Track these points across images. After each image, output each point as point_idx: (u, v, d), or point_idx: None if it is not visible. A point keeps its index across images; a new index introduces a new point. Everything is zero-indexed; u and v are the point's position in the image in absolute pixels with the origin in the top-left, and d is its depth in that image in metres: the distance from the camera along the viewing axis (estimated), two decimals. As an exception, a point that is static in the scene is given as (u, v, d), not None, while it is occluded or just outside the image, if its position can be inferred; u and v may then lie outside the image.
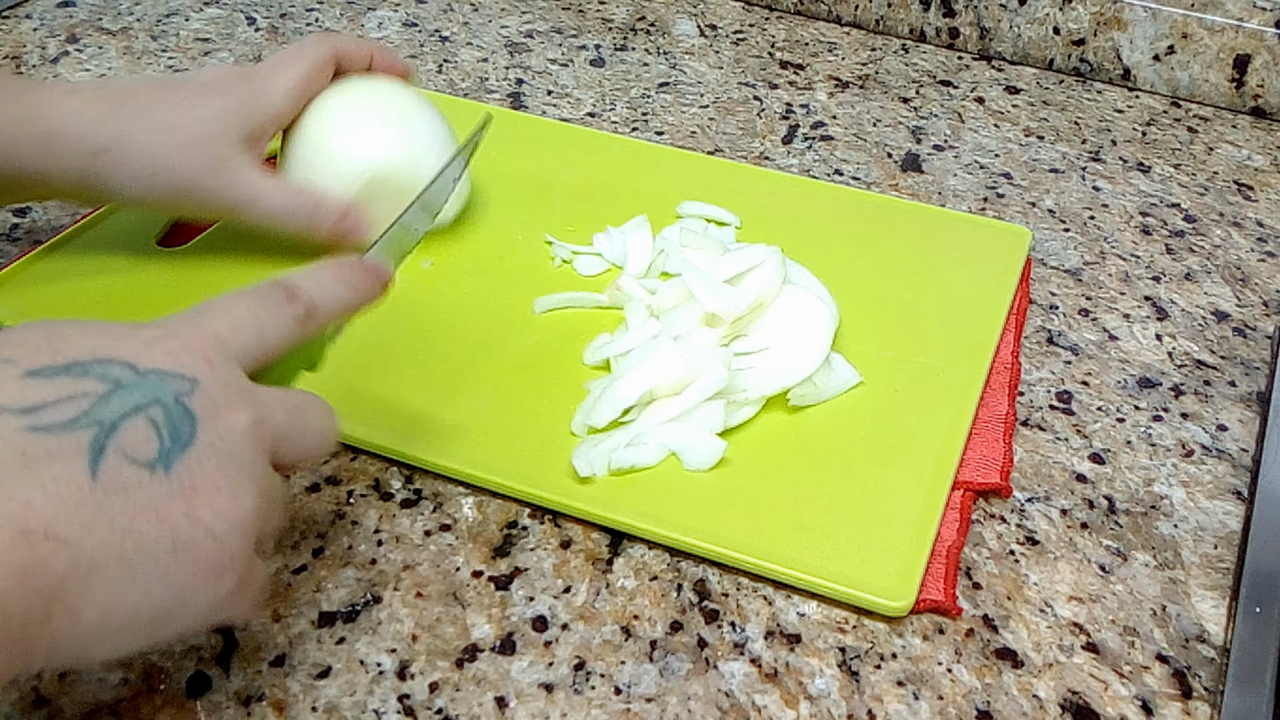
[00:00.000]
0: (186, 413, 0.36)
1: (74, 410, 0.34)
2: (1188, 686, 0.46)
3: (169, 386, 0.36)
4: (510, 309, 0.62)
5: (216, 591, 0.36)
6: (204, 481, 0.35)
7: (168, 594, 0.35)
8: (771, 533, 0.50)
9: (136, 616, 0.34)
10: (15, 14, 0.89)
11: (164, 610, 0.35)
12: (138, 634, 0.35)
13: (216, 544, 0.35)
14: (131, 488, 0.34)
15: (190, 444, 0.35)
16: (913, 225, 0.69)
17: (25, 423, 0.33)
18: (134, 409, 0.35)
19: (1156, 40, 0.82)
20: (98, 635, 0.34)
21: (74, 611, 0.33)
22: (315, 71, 0.60)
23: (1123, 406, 0.59)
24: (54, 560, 0.32)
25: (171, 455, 0.35)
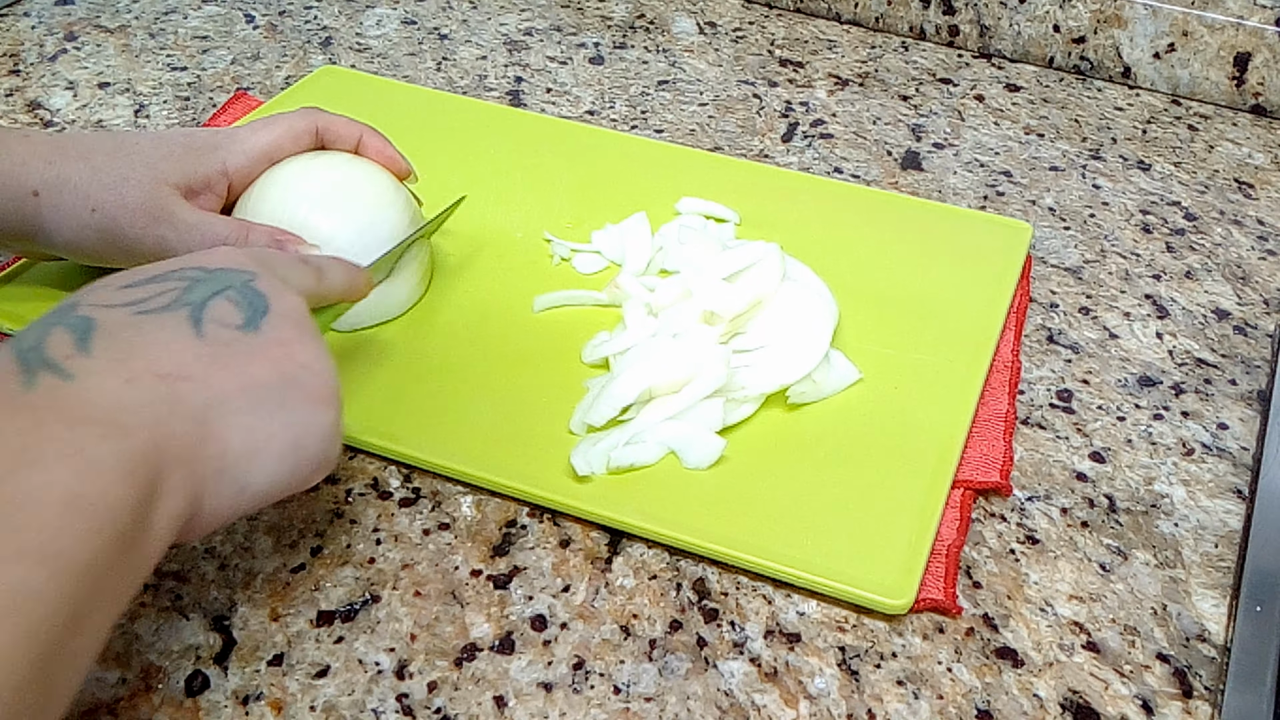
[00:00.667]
0: (257, 292, 0.43)
1: (167, 299, 0.41)
2: (1188, 686, 0.46)
3: (237, 276, 0.43)
4: (509, 307, 0.61)
5: (330, 416, 0.43)
6: (289, 336, 0.42)
7: (292, 419, 0.41)
8: (771, 531, 0.50)
9: (273, 440, 0.40)
10: (13, 12, 0.89)
11: (294, 436, 0.41)
12: (283, 458, 0.41)
13: (317, 377, 0.42)
14: (233, 342, 0.41)
15: (267, 312, 0.43)
16: (912, 221, 0.68)
17: (132, 310, 0.40)
18: (213, 293, 0.42)
19: (1157, 38, 0.82)
20: (247, 459, 0.40)
21: (221, 437, 0.39)
22: (286, 138, 0.59)
23: (1123, 405, 0.59)
24: (192, 394, 0.39)
25: (256, 319, 0.42)
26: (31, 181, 0.54)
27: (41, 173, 0.54)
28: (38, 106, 0.78)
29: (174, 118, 0.77)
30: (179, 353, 0.39)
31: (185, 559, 0.50)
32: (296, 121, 0.60)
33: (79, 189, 0.54)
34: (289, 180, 0.58)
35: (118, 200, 0.54)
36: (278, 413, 0.41)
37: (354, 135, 0.61)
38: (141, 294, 0.41)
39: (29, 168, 0.54)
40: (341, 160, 0.60)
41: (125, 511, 0.34)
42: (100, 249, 0.56)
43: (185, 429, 0.38)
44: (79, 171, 0.54)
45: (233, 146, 0.58)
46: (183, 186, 0.56)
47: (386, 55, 0.85)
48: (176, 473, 0.37)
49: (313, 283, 0.48)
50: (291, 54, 0.85)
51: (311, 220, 0.57)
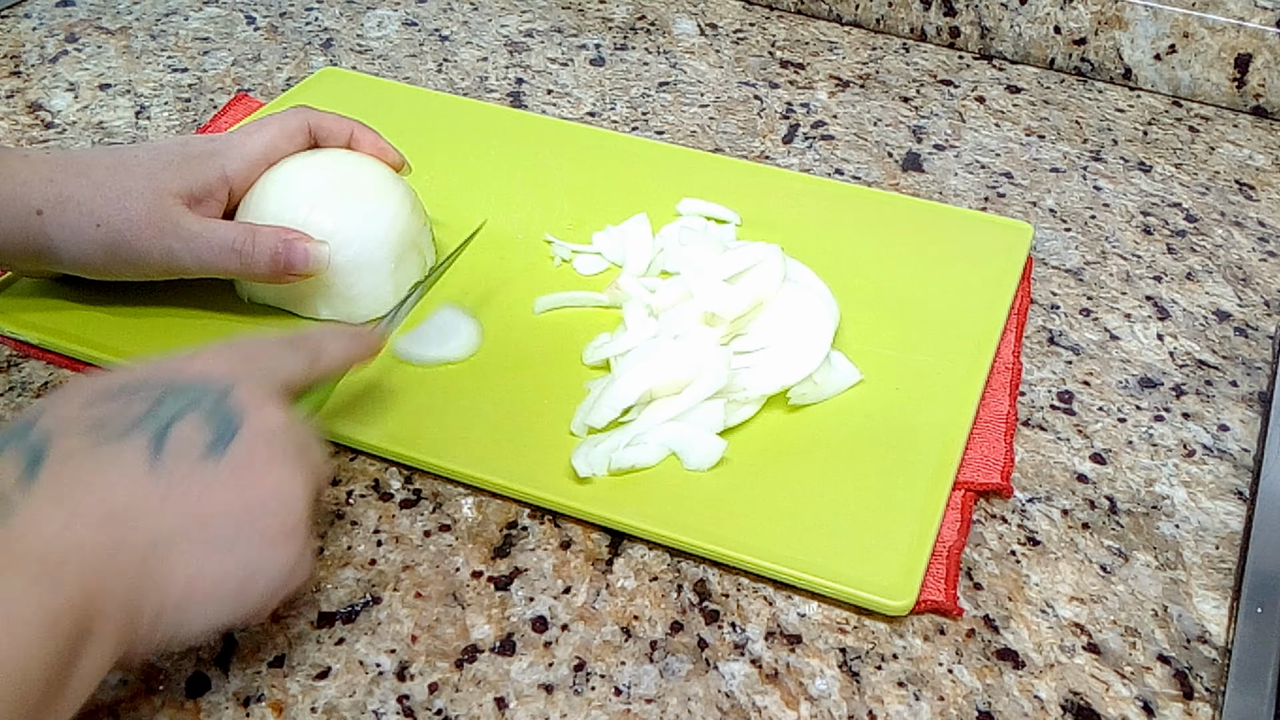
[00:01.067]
0: (229, 411, 0.41)
1: (129, 420, 0.39)
2: (1189, 687, 0.46)
3: (209, 392, 0.41)
4: (510, 309, 0.61)
5: (285, 557, 0.40)
6: (255, 463, 0.40)
7: (242, 562, 0.39)
8: (772, 532, 0.50)
9: (220, 585, 0.39)
10: (14, 13, 0.89)
11: (242, 578, 0.40)
12: (224, 603, 0.39)
13: (277, 515, 0.40)
14: (192, 474, 0.39)
15: (236, 434, 0.40)
16: (913, 222, 0.68)
17: (90, 437, 0.38)
18: (180, 412, 0.40)
19: (1157, 39, 0.82)
20: (188, 604, 0.38)
21: (163, 582, 0.38)
22: (281, 139, 0.59)
23: (1124, 406, 0.59)
24: (136, 538, 0.37)
25: (221, 444, 0.40)
26: (34, 200, 0.54)
27: (43, 191, 0.54)
28: (38, 108, 0.78)
29: (175, 119, 0.77)
30: (130, 492, 0.38)
31: (186, 560, 0.50)
32: (289, 121, 0.60)
33: (82, 205, 0.54)
34: (289, 180, 0.58)
35: (122, 214, 0.54)
36: (229, 553, 0.39)
37: (345, 131, 0.61)
38: (105, 412, 0.39)
39: (30, 187, 0.54)
40: (338, 157, 0.60)
41: (42, 666, 0.33)
42: (107, 263, 0.56)
43: (122, 580, 0.36)
44: (81, 188, 0.54)
45: (230, 152, 0.58)
46: (185, 196, 0.56)
47: (387, 57, 0.85)
48: (108, 623, 0.36)
49: (304, 368, 0.46)
50: (292, 55, 0.85)
51: (314, 218, 0.57)
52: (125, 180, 0.55)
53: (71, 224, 0.54)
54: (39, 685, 0.33)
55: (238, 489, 0.40)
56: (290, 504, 0.41)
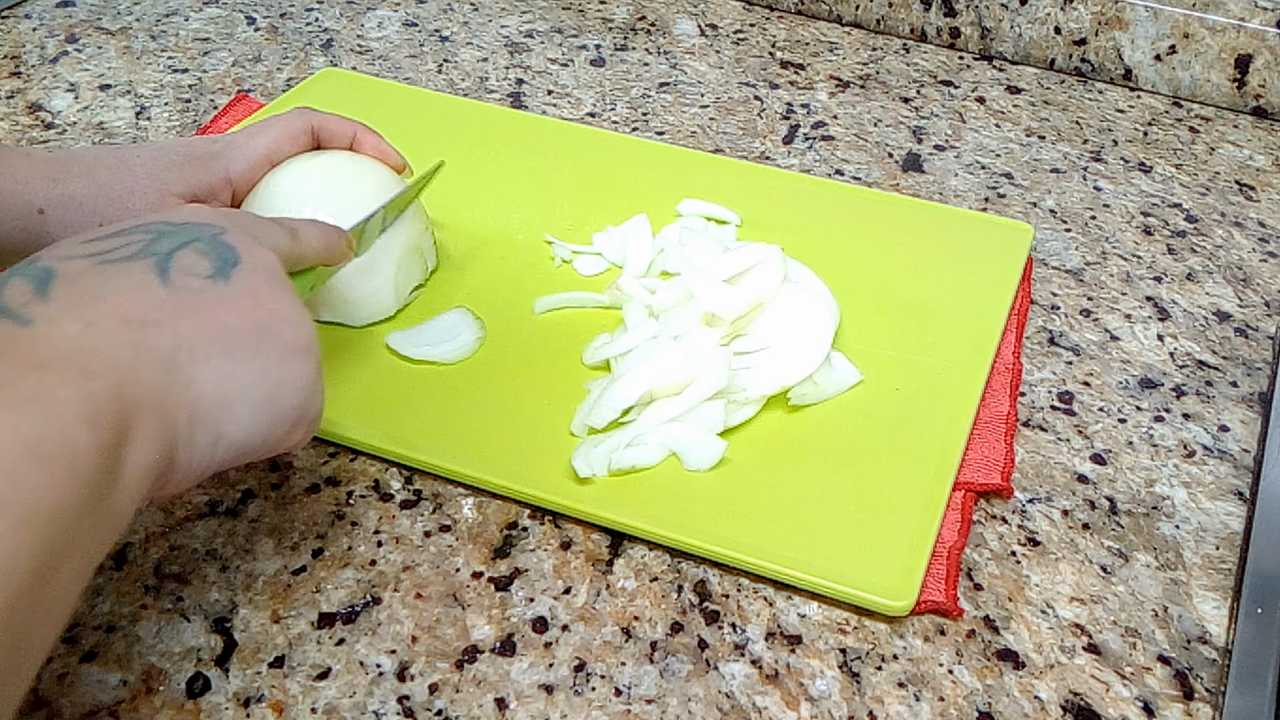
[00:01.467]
0: (226, 245, 0.42)
1: (132, 250, 0.40)
2: (1189, 688, 0.46)
3: (205, 229, 0.42)
4: (510, 309, 0.61)
5: (307, 370, 0.41)
6: (261, 287, 0.41)
7: (268, 369, 0.40)
8: (772, 533, 0.50)
9: (249, 388, 0.39)
10: (14, 14, 0.89)
11: (270, 385, 0.40)
12: (258, 409, 0.40)
13: (293, 328, 0.41)
14: (201, 291, 0.40)
15: (237, 263, 0.41)
16: (913, 223, 0.68)
17: (94, 260, 0.39)
18: (181, 244, 0.41)
19: (1158, 40, 0.82)
20: (222, 407, 0.39)
21: (193, 383, 0.38)
22: (284, 141, 0.59)
23: (1124, 407, 0.59)
24: (157, 339, 0.37)
25: (226, 270, 0.41)
26: (36, 200, 0.54)
27: (45, 191, 0.54)
28: (39, 108, 0.78)
29: (175, 120, 0.77)
30: (144, 299, 0.38)
31: (186, 561, 0.50)
32: (292, 122, 0.60)
33: (85, 205, 0.54)
34: (291, 181, 0.58)
35: (126, 214, 0.54)
36: (252, 360, 0.39)
37: (348, 133, 0.61)
38: (105, 246, 0.40)
39: (32, 186, 0.54)
40: (340, 159, 0.60)
41: (91, 458, 0.33)
42: None
43: (152, 375, 0.36)
44: (84, 188, 0.54)
45: (233, 154, 0.58)
46: (188, 196, 0.56)
47: (388, 57, 0.85)
48: (146, 420, 0.36)
49: (287, 242, 0.47)
50: (293, 56, 0.85)
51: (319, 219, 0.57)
52: (128, 180, 0.55)
53: (74, 223, 0.54)
54: (90, 478, 0.33)
55: (249, 306, 0.40)
56: (302, 323, 0.42)
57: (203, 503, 0.52)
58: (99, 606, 0.48)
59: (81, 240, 0.40)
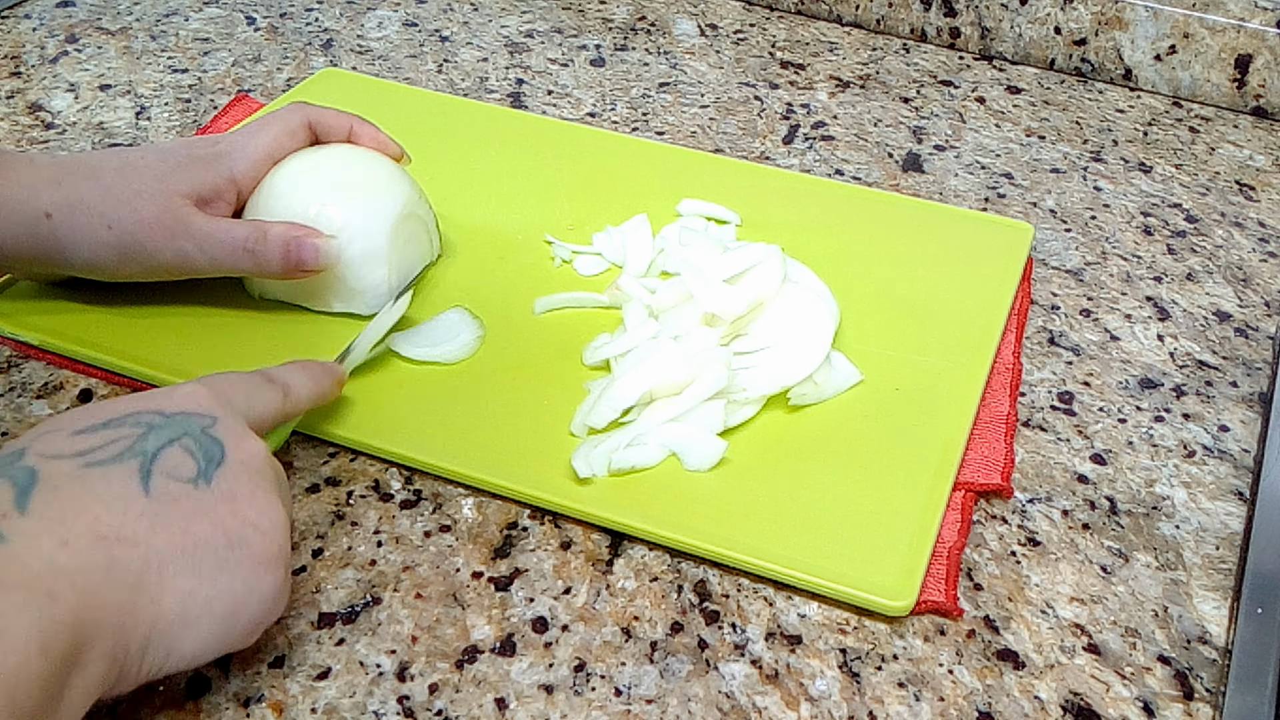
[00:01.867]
0: (214, 440, 0.42)
1: (118, 449, 0.40)
2: (1189, 688, 0.46)
3: (194, 422, 0.42)
4: (510, 309, 0.61)
5: (274, 580, 0.41)
6: (241, 491, 0.41)
7: (233, 584, 0.40)
8: (772, 533, 0.50)
9: (211, 605, 0.39)
10: (14, 14, 0.89)
11: (234, 600, 0.40)
12: (215, 625, 0.40)
13: (264, 538, 0.41)
14: (181, 498, 0.40)
15: (222, 463, 0.41)
16: (913, 223, 0.68)
17: (80, 463, 0.39)
18: (169, 440, 0.41)
19: (1158, 40, 0.82)
20: (181, 623, 0.39)
21: (156, 600, 0.38)
22: (283, 137, 0.59)
23: (1124, 407, 0.59)
24: (128, 557, 0.38)
25: (209, 472, 0.41)
26: (42, 204, 0.54)
27: (51, 195, 0.54)
28: (39, 109, 0.78)
29: (175, 120, 0.77)
30: (121, 512, 0.38)
31: (186, 561, 0.50)
32: (290, 118, 0.60)
33: (92, 208, 0.54)
34: (296, 178, 0.58)
35: (134, 216, 0.54)
36: (219, 576, 0.40)
37: (344, 126, 0.61)
38: (93, 442, 0.40)
39: (37, 191, 0.54)
40: (342, 152, 0.60)
41: (34, 688, 0.33)
42: (119, 265, 0.56)
43: (117, 595, 0.37)
44: (90, 191, 0.54)
45: (236, 154, 0.58)
46: (194, 197, 0.56)
47: (388, 57, 0.85)
48: (100, 644, 0.36)
49: (278, 404, 0.48)
50: (292, 56, 0.85)
51: (325, 213, 0.58)
52: (135, 182, 0.55)
53: (82, 226, 0.54)
54: (32, 704, 0.33)
55: (226, 514, 0.40)
56: (275, 529, 0.41)
57: (203, 503, 0.52)
58: (99, 606, 0.48)
59: (71, 431, 0.40)
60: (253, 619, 0.41)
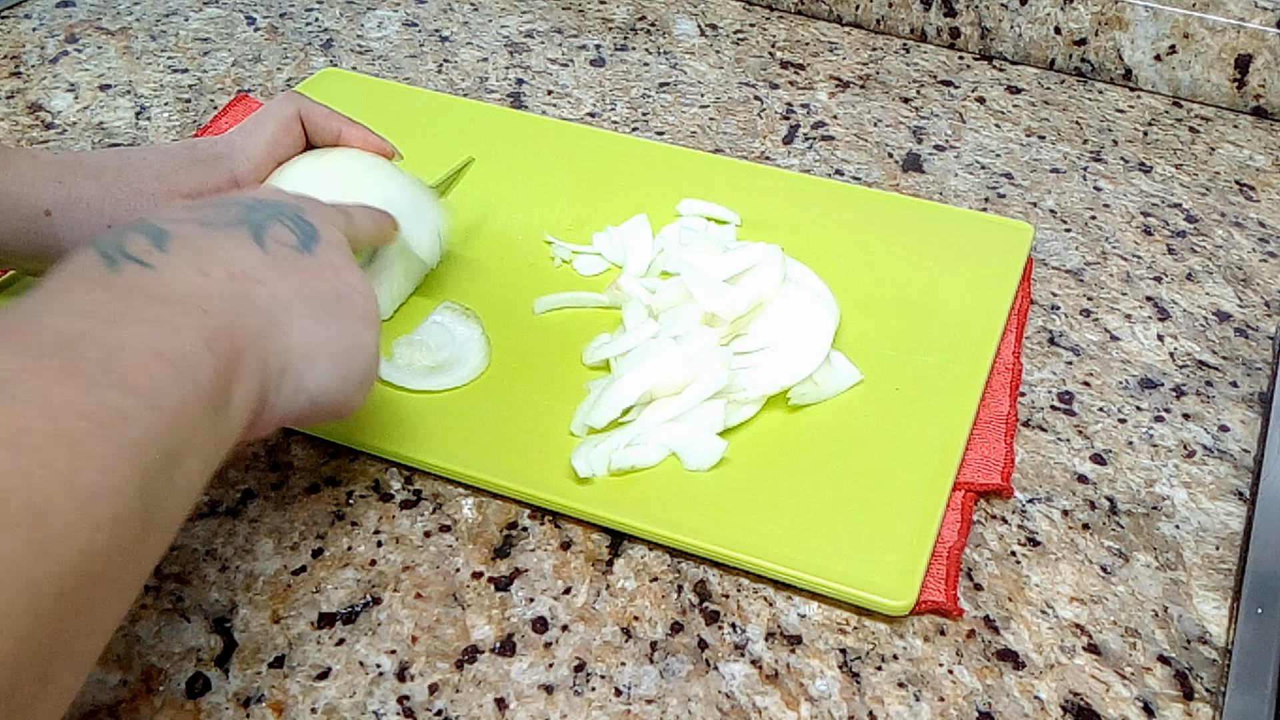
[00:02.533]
0: (307, 222, 0.46)
1: (231, 216, 0.44)
2: (1189, 688, 0.46)
3: (288, 207, 0.46)
4: (510, 309, 0.61)
5: (373, 338, 0.46)
6: (338, 262, 0.46)
7: (344, 333, 0.44)
8: (772, 532, 0.50)
9: (328, 345, 0.43)
10: (14, 14, 0.89)
11: (345, 347, 0.44)
12: (334, 364, 0.44)
13: (365, 299, 0.46)
14: (292, 258, 0.44)
15: (317, 238, 0.46)
16: (913, 223, 0.68)
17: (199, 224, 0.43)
18: (269, 217, 0.45)
19: (1158, 40, 0.82)
20: (307, 360, 0.43)
21: (285, 335, 0.42)
22: (279, 133, 0.59)
23: (1124, 407, 0.59)
24: (259, 293, 0.42)
25: (309, 243, 0.45)
26: (43, 201, 0.54)
27: (52, 193, 0.54)
28: (39, 109, 0.78)
29: (175, 120, 0.77)
30: (247, 259, 0.42)
31: (186, 561, 0.50)
32: (283, 111, 0.60)
33: (93, 207, 0.54)
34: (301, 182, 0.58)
35: (134, 216, 0.54)
36: (332, 323, 0.44)
37: (334, 128, 0.61)
38: (206, 214, 0.44)
39: (38, 188, 0.54)
40: (343, 156, 0.60)
41: (208, 375, 0.37)
42: None
43: (256, 322, 0.41)
44: (91, 190, 0.54)
45: (236, 155, 0.58)
46: (194, 198, 0.56)
47: (388, 57, 0.85)
48: (249, 360, 0.40)
49: (344, 224, 0.50)
50: (292, 56, 0.85)
51: None
52: (136, 182, 0.55)
53: (82, 225, 0.54)
54: (209, 397, 0.37)
55: (329, 276, 0.45)
56: (369, 295, 0.46)
57: (203, 503, 0.52)
58: (99, 606, 0.48)
59: (180, 209, 0.44)
60: (360, 370, 0.45)
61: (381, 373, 0.57)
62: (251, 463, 0.54)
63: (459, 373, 0.57)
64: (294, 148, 0.60)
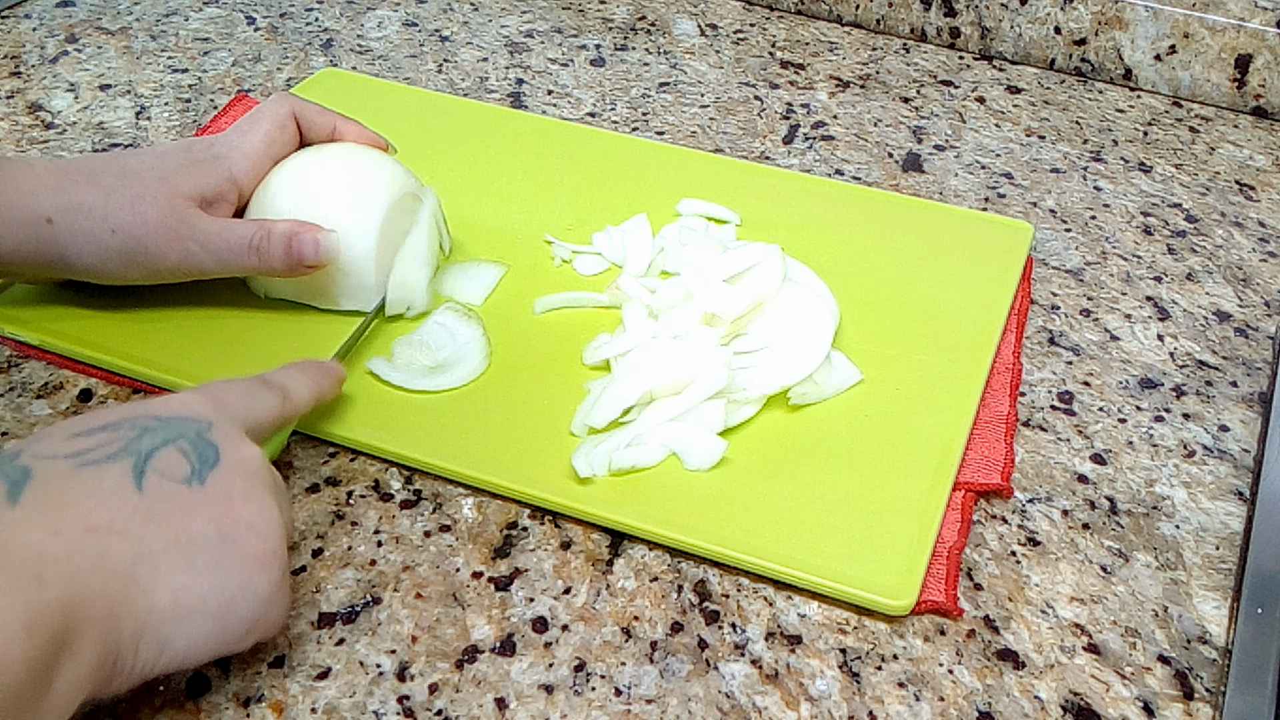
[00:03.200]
0: (209, 443, 0.42)
1: (113, 449, 0.40)
2: (1189, 688, 0.46)
3: (190, 426, 0.42)
4: (510, 309, 0.61)
5: (268, 580, 0.41)
6: (235, 492, 0.41)
7: (227, 581, 0.40)
8: (772, 532, 0.50)
9: (205, 601, 0.39)
10: (14, 14, 0.89)
11: (226, 597, 0.40)
12: (208, 622, 0.40)
13: (259, 537, 0.41)
14: (174, 497, 0.40)
15: (217, 464, 0.41)
16: (913, 222, 0.68)
17: (74, 462, 0.39)
18: (163, 442, 0.41)
19: (1158, 40, 0.82)
20: (174, 618, 0.39)
21: (149, 594, 0.38)
22: (275, 131, 0.59)
23: (1124, 407, 0.59)
24: (120, 549, 0.38)
25: (203, 473, 0.41)
26: (43, 209, 0.54)
27: (53, 200, 0.54)
28: (39, 109, 0.78)
29: (175, 120, 0.77)
30: (113, 509, 0.38)
31: (186, 561, 0.50)
32: (277, 110, 0.60)
33: (94, 212, 0.54)
34: (301, 177, 0.59)
35: (138, 219, 0.54)
36: (211, 572, 0.40)
37: (328, 124, 0.61)
38: (88, 444, 0.40)
39: (38, 196, 0.54)
40: (342, 149, 0.61)
41: (19, 669, 0.33)
42: (123, 270, 0.56)
43: (108, 586, 0.37)
44: (91, 195, 0.54)
45: (233, 154, 0.58)
46: (198, 199, 0.56)
47: (388, 57, 0.85)
48: (92, 632, 0.36)
49: (276, 407, 0.48)
50: (292, 56, 0.85)
51: (333, 214, 0.58)
52: (137, 185, 0.55)
53: (84, 231, 0.54)
54: (17, 688, 0.33)
55: (219, 513, 0.40)
56: (270, 529, 0.41)
57: (203, 503, 0.52)
58: (99, 606, 0.48)
59: (68, 434, 0.41)
60: (247, 619, 0.41)
61: (381, 373, 0.57)
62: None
63: (459, 373, 0.57)
64: (289, 145, 0.60)
